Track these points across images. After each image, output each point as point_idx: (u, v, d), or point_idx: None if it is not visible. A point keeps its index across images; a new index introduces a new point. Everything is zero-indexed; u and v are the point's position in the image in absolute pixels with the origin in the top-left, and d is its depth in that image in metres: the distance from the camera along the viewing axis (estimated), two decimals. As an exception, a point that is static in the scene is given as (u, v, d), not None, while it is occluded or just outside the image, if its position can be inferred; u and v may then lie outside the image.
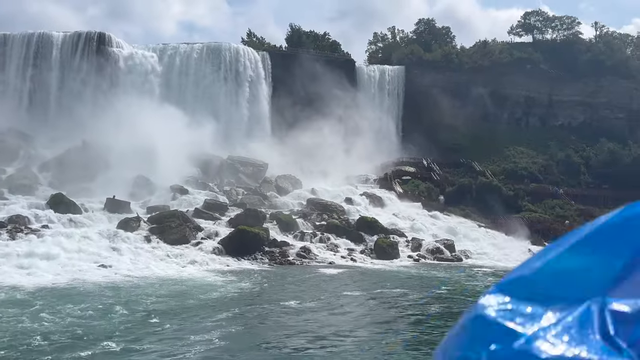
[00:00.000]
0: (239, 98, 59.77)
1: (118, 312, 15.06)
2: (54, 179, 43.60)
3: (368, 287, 20.21)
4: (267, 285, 21.53)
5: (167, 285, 20.93)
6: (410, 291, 19.14)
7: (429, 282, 22.20)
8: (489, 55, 73.07)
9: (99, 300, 17.04)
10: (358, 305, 16.52)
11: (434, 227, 42.90)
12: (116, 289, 19.70)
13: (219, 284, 21.25)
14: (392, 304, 16.75)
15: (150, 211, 36.43)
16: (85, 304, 16.03)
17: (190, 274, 25.10)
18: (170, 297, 17.88)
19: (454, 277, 25.14)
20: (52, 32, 57.78)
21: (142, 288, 19.84)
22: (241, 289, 19.99)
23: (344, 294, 18.28)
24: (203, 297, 17.86)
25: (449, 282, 22.06)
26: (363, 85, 68.72)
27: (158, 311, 15.34)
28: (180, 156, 47.67)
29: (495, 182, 55.46)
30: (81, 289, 19.65)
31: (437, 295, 17.73)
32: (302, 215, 39.64)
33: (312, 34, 75.17)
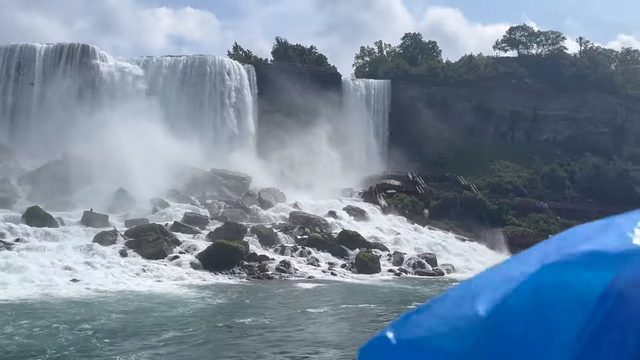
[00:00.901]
0: (224, 111, 59.48)
1: (73, 329, 14.58)
2: (33, 192, 42.99)
3: (337, 302, 19.82)
4: (237, 300, 21.09)
5: (136, 300, 20.45)
6: (377, 306, 18.79)
7: (402, 297, 21.84)
8: (475, 70, 73.43)
9: (60, 316, 16.55)
10: (316, 321, 16.12)
11: (417, 240, 42.61)
12: (83, 304, 19.22)
13: (189, 300, 20.79)
14: (354, 320, 16.36)
15: (129, 225, 35.90)
16: (44, 320, 15.57)
17: (163, 289, 24.57)
18: (132, 313, 17.40)
19: (429, 292, 24.78)
20: (34, 43, 57.36)
21: (109, 304, 19.35)
22: (208, 305, 19.55)
23: (308, 310, 17.86)
24: (167, 314, 17.40)
25: (422, 297, 21.70)
26: (349, 99, 68.71)
27: (113, 328, 14.88)
28: (162, 169, 47.18)
29: (479, 196, 55.41)
30: (47, 305, 19.13)
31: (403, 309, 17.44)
32: (284, 229, 39.27)
33: (299, 47, 75.17)
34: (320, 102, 63.51)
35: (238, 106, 60.36)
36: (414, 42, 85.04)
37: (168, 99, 58.13)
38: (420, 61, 76.23)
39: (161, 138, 50.33)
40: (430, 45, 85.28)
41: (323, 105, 63.34)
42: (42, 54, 56.55)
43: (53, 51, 56.75)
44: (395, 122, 68.54)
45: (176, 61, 60.48)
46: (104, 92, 55.49)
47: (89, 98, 54.45)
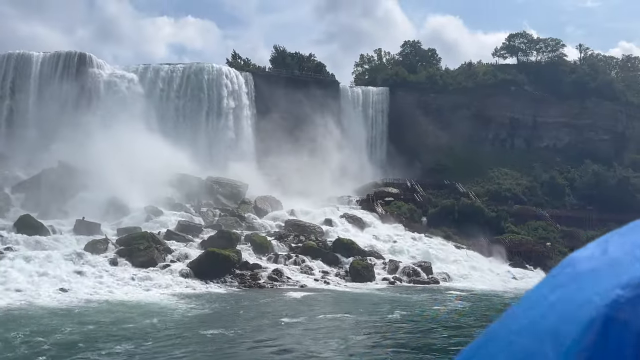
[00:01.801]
0: (221, 119, 59.34)
1: (34, 340, 14.28)
2: (27, 200, 42.81)
3: (316, 312, 19.36)
4: (217, 310, 20.67)
5: (118, 310, 20.09)
6: (357, 316, 18.31)
7: (389, 306, 21.38)
8: (473, 77, 73.21)
9: (30, 326, 16.22)
10: (284, 332, 15.72)
11: (414, 248, 42.17)
12: (62, 314, 18.88)
13: (170, 310, 20.41)
14: (324, 330, 15.89)
15: (121, 233, 35.56)
16: (18, 331, 15.22)
17: (150, 298, 24.19)
18: (106, 324, 17.03)
19: (417, 300, 24.35)
20: (31, 52, 57.33)
21: (88, 314, 19.01)
22: (186, 315, 19.16)
23: (282, 320, 17.44)
24: (140, 324, 17.00)
25: (408, 305, 21.28)
26: (347, 107, 68.56)
27: (75, 340, 14.53)
28: (158, 177, 46.95)
29: (477, 203, 54.97)
30: (26, 314, 18.80)
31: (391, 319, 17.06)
32: (278, 237, 38.90)
33: (297, 55, 75.04)
34: (318, 109, 63.39)
35: (235, 114, 60.21)
36: (413, 50, 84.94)
37: (165, 107, 58.08)
38: (419, 69, 76.02)
39: (157, 146, 50.19)
40: (429, 52, 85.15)
41: (321, 113, 63.21)
42: (39, 63, 56.54)
43: (50, 60, 56.76)
44: (394, 129, 68.28)
45: (173, 69, 60.40)
46: (101, 100, 55.41)
47: (86, 106, 54.38)
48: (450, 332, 16.71)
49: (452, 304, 22.64)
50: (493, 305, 23.70)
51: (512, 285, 35.84)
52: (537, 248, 47.41)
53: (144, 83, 58.67)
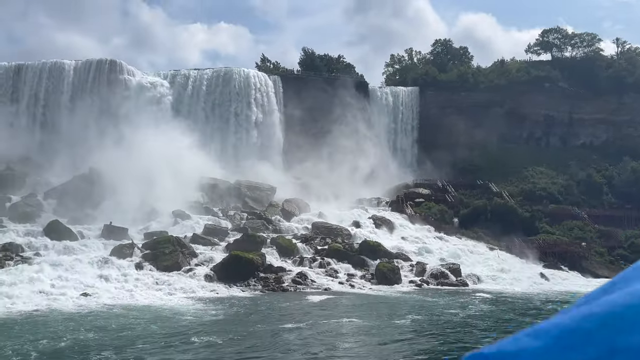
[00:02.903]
0: (249, 122, 59.47)
1: (55, 344, 14.29)
2: (58, 206, 43.50)
3: (325, 316, 18.96)
4: (233, 314, 20.48)
5: (133, 314, 20.10)
6: (365, 321, 17.82)
7: (407, 310, 20.84)
8: (506, 75, 71.71)
9: (51, 330, 16.29)
10: (282, 338, 15.38)
11: (443, 250, 41.43)
12: (81, 319, 18.96)
13: (189, 313, 20.33)
14: (321, 336, 15.45)
15: (148, 237, 35.81)
16: (34, 335, 15.32)
17: (172, 302, 24.18)
18: (119, 329, 17.00)
19: (440, 302, 23.67)
20: (64, 60, 58.44)
21: (106, 319, 19.04)
22: (204, 320, 18.98)
23: (284, 326, 17.10)
24: (152, 328, 16.93)
25: (429, 309, 20.65)
26: (376, 108, 67.99)
27: (94, 344, 14.52)
28: (186, 181, 47.31)
29: (511, 203, 53.72)
30: (48, 319, 18.94)
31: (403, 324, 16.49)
32: (304, 239, 38.65)
33: (326, 57, 74.82)
34: (347, 111, 63.04)
35: (264, 117, 60.26)
36: (444, 49, 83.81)
37: (194, 112, 58.53)
38: (450, 67, 74.92)
39: (186, 150, 50.56)
40: (461, 51, 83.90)
41: (350, 114, 62.84)
42: (71, 71, 57.60)
43: (82, 67, 57.81)
44: (425, 129, 67.39)
45: (202, 74, 60.83)
46: (131, 106, 56.04)
47: (116, 112, 55.08)
48: (456, 337, 16.13)
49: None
50: (513, 308, 22.96)
51: (544, 287, 34.81)
52: (572, 248, 46.03)
53: (173, 88, 59.28)
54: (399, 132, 68.27)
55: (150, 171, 44.15)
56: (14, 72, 57.70)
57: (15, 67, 58.20)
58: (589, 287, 35.87)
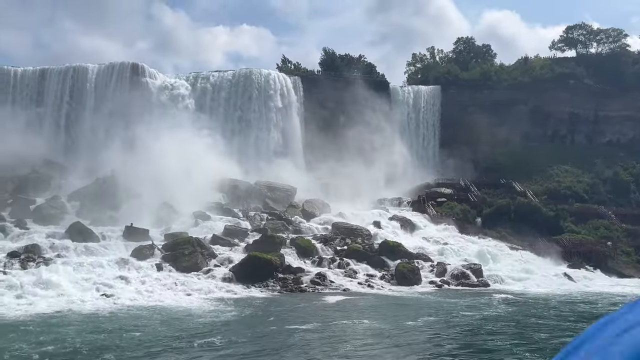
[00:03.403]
0: (270, 123, 59.61)
1: (66, 345, 14.39)
2: (81, 208, 44.05)
3: (339, 318, 18.82)
4: (251, 316, 20.46)
5: (154, 315, 20.19)
6: (373, 322, 17.60)
7: (423, 310, 20.54)
8: (530, 72, 70.71)
9: (64, 332, 16.42)
10: (281, 340, 15.25)
11: (465, 250, 40.92)
12: (99, 320, 19.09)
13: (205, 314, 20.35)
14: (324, 339, 15.27)
15: (168, 238, 35.98)
16: (45, 337, 15.44)
17: (189, 303, 24.24)
18: (134, 330, 17.06)
19: (458, 303, 23.32)
20: (87, 64, 59.19)
21: (124, 319, 19.16)
22: (217, 321, 18.99)
23: (293, 327, 16.96)
24: (160, 330, 16.96)
25: (444, 310, 20.34)
26: (398, 107, 67.58)
27: (103, 346, 14.58)
28: (207, 183, 47.61)
29: (534, 202, 52.94)
30: (63, 320, 19.11)
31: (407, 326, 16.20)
32: (324, 240, 38.52)
33: (347, 57, 74.62)
34: (368, 110, 62.75)
35: (284, 118, 60.36)
36: (467, 47, 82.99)
37: (215, 113, 58.84)
38: (472, 65, 74.16)
39: (207, 152, 50.89)
40: (484, 48, 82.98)
41: (371, 114, 62.54)
42: (94, 74, 58.31)
43: (104, 71, 58.47)
44: (447, 128, 66.76)
45: (223, 76, 61.12)
46: (153, 109, 56.57)
47: (139, 115, 55.52)
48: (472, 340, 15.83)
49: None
50: (531, 310, 22.53)
51: (568, 288, 34.16)
52: (598, 248, 45.14)
53: (194, 90, 59.69)
54: (421, 132, 67.77)
55: (172, 173, 44.51)
56: (39, 77, 58.61)
57: (40, 72, 59.10)
58: (615, 287, 35.21)
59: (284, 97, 60.92)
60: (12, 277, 26.54)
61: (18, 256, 30.00)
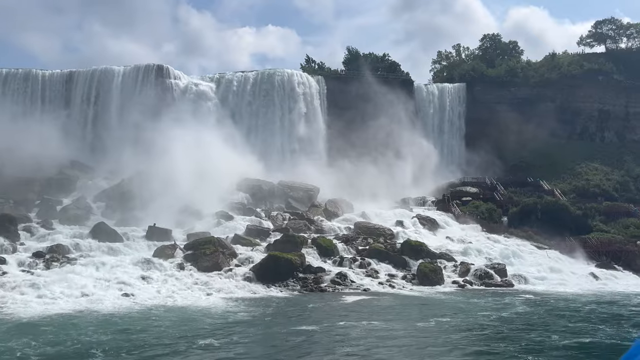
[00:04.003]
0: (293, 123, 59.63)
1: (76, 344, 14.50)
2: (107, 208, 44.59)
3: (350, 318, 18.61)
4: (266, 315, 20.39)
5: (172, 315, 20.29)
6: (396, 323, 17.23)
7: (437, 311, 20.16)
8: (557, 68, 69.45)
9: (79, 331, 16.58)
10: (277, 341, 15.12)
11: (490, 250, 40.27)
12: (116, 319, 19.24)
13: (222, 314, 20.38)
14: (315, 341, 15.07)
15: (191, 238, 36.16)
16: (61, 335, 15.60)
17: (209, 303, 24.28)
18: (148, 330, 17.14)
19: (477, 303, 22.92)
20: (113, 66, 59.97)
21: (140, 320, 19.26)
22: (230, 321, 18.98)
23: (293, 328, 16.78)
24: (181, 329, 16.99)
25: (463, 311, 19.93)
26: (422, 105, 67.07)
27: (113, 345, 14.65)
28: (231, 183, 47.85)
29: (562, 201, 51.92)
30: (82, 319, 19.29)
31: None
32: (345, 239, 38.32)
33: (371, 55, 74.26)
34: (392, 109, 62.37)
35: (307, 117, 60.35)
36: (493, 44, 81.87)
37: (238, 114, 59.13)
38: (498, 62, 73.17)
39: (231, 152, 51.08)
40: (510, 45, 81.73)
41: (395, 113, 62.16)
42: (120, 76, 59.04)
43: (130, 73, 59.16)
44: (472, 126, 65.99)
45: (246, 76, 61.35)
46: (178, 110, 56.98)
47: (164, 116, 56.00)
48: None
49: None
50: (552, 311, 22.00)
51: (595, 288, 33.38)
52: (628, 247, 44.01)
53: (218, 91, 60.06)
54: (446, 130, 67.12)
55: (196, 173, 44.80)
56: (66, 79, 59.57)
57: (68, 74, 60.07)
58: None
59: (307, 97, 60.92)
60: (36, 276, 26.98)
61: (43, 256, 30.47)
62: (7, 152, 47.73)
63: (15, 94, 58.49)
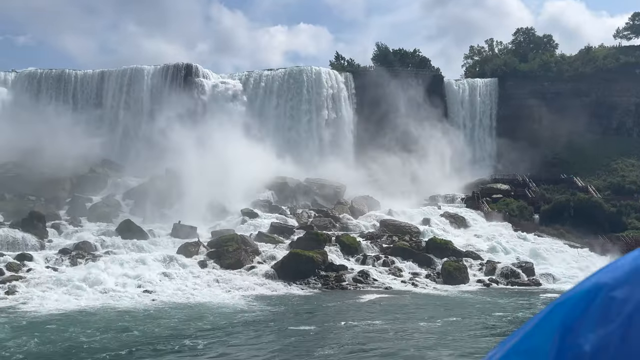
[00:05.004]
0: (320, 120, 59.48)
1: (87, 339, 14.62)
2: (135, 206, 45.13)
3: (356, 318, 18.30)
4: (281, 313, 20.28)
5: (188, 312, 20.40)
6: (401, 323, 16.76)
7: (458, 311, 19.64)
8: (593, 62, 67.63)
9: (91, 327, 16.74)
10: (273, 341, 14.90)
11: (519, 248, 39.44)
12: (129, 316, 19.41)
13: (238, 311, 20.37)
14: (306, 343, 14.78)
15: (215, 235, 36.36)
16: (55, 333, 15.79)
17: (228, 300, 24.33)
18: (156, 326, 17.20)
19: (496, 302, 22.36)
20: (143, 66, 60.73)
21: (154, 317, 19.38)
22: (241, 319, 18.88)
23: (292, 328, 16.52)
24: (194, 325, 17.02)
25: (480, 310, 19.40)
26: (452, 101, 66.13)
27: (122, 341, 14.73)
28: (257, 180, 47.93)
29: (595, 198, 50.53)
30: (94, 316, 19.51)
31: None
32: (370, 237, 37.99)
33: (400, 51, 73.57)
34: (421, 105, 61.67)
35: (335, 114, 60.12)
36: (527, 37, 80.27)
37: (266, 112, 59.24)
38: (531, 57, 71.64)
39: (258, 150, 51.23)
40: (545, 39, 79.99)
41: (424, 109, 61.43)
42: (150, 75, 59.77)
43: (159, 72, 59.83)
44: (504, 122, 64.77)
45: (274, 74, 61.43)
46: (206, 108, 57.46)
47: (192, 114, 56.53)
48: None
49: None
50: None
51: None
52: (664, 246, 42.56)
53: (246, 89, 60.27)
54: (477, 126, 66.03)
55: (223, 171, 45.00)
56: (98, 79, 60.60)
57: (99, 74, 61.10)
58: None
59: (334, 94, 60.69)
60: (60, 273, 27.44)
61: (69, 253, 30.98)
62: (40, 151, 48.82)
63: (49, 94, 59.78)
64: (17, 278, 26.21)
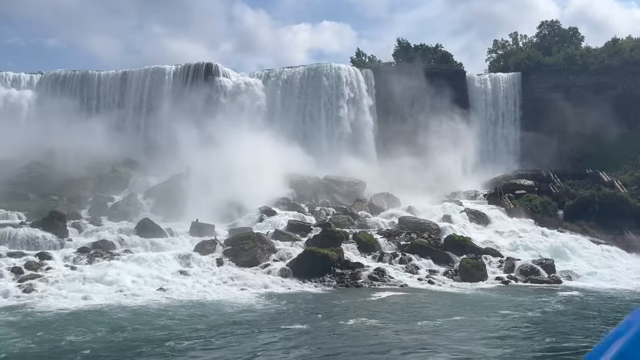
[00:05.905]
0: (340, 117, 59.28)
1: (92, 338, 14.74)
2: (156, 205, 45.50)
3: (352, 316, 18.08)
4: (291, 310, 20.21)
5: (199, 309, 20.47)
6: (403, 324, 16.44)
7: (468, 309, 19.26)
8: (619, 54, 66.15)
9: (85, 325, 16.86)
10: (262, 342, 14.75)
11: (541, 245, 38.76)
12: (140, 314, 19.51)
13: (249, 309, 20.37)
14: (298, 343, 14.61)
15: (232, 233, 36.45)
16: (57, 332, 15.94)
17: (242, 298, 24.33)
18: (162, 324, 17.24)
19: (507, 299, 21.92)
20: (164, 65, 61.26)
21: (165, 314, 19.41)
22: (248, 318, 18.83)
23: (283, 327, 16.36)
24: (204, 321, 17.00)
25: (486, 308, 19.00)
26: (475, 96, 65.33)
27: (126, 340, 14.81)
28: (276, 178, 47.95)
29: (621, 193, 49.43)
30: (109, 314, 19.67)
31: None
32: (388, 234, 37.71)
33: (422, 47, 72.95)
34: (443, 101, 61.13)
35: (355, 111, 59.85)
36: (551, 31, 78.93)
37: (286, 109, 59.29)
38: (555, 50, 70.37)
39: (278, 147, 51.21)
40: (570, 32, 78.57)
41: (445, 104, 60.89)
42: (171, 75, 60.26)
43: (180, 71, 60.31)
44: (528, 117, 63.81)
45: (294, 72, 61.41)
46: (226, 107, 57.74)
47: (212, 113, 56.87)
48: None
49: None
50: (590, 309, 20.77)
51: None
52: (692, 241, 41.44)
53: (266, 87, 60.40)
54: (499, 121, 65.13)
55: (243, 169, 45.15)
56: (120, 79, 61.32)
57: (122, 74, 61.82)
58: None
59: (354, 91, 60.43)
60: (78, 271, 27.75)
61: (87, 252, 31.31)
62: (63, 151, 49.59)
63: (73, 95, 60.68)
64: (36, 277, 26.57)
